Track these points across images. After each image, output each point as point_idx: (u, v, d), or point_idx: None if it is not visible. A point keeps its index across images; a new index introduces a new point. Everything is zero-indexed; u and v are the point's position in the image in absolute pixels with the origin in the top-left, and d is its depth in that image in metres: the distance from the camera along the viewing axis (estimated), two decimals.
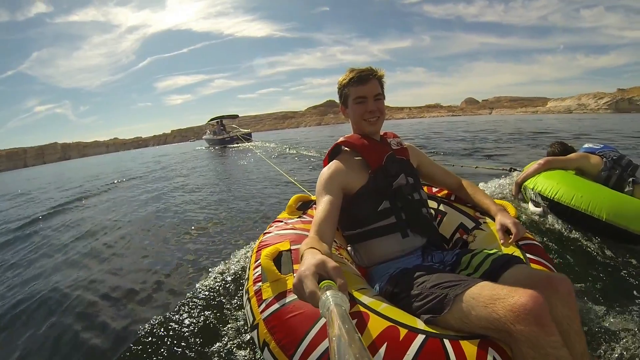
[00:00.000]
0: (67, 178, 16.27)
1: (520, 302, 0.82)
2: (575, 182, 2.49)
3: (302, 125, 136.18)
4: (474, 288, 0.94)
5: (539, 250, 1.37)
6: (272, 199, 4.97)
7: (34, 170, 51.24)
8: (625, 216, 2.13)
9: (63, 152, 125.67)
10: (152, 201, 5.91)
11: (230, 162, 12.44)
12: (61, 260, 3.32)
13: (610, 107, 63.99)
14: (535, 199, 2.82)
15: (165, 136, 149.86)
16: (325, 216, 1.23)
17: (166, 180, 9.03)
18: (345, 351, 0.51)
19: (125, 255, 3.24)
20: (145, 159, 23.39)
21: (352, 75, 1.43)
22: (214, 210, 4.64)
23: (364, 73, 1.42)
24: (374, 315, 1.00)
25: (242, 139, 20.40)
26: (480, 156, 7.62)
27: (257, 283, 1.26)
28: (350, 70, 1.46)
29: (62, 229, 4.83)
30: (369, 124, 1.45)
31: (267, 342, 1.06)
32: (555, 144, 3.19)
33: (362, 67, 1.45)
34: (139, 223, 4.46)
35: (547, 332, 0.80)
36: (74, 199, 7.66)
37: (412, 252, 1.38)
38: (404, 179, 1.44)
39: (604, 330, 1.48)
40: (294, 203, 1.82)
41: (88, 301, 2.34)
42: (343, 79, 1.47)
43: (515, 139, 11.74)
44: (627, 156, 2.73)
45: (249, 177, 7.46)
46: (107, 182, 10.40)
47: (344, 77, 1.47)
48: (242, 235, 3.38)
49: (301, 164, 8.79)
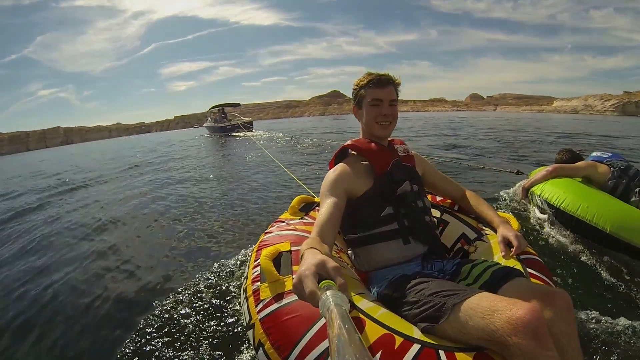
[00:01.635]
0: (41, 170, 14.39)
1: (518, 314, 0.81)
2: (581, 192, 2.48)
3: (305, 114, 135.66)
4: (472, 298, 0.94)
5: (539, 265, 1.37)
6: (273, 193, 4.94)
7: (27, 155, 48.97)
8: (630, 229, 2.11)
9: (65, 136, 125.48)
10: (147, 196, 5.72)
11: (231, 154, 12.16)
12: (52, 257, 3.23)
13: (617, 109, 63.40)
14: (541, 205, 2.82)
15: (168, 122, 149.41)
16: (328, 218, 1.23)
17: (160, 172, 8.59)
18: (345, 351, 0.50)
19: (120, 251, 3.18)
20: (139, 147, 22.40)
21: (371, 77, 1.44)
22: (215, 205, 4.56)
23: (383, 77, 1.44)
24: (370, 321, 1.00)
25: (243, 128, 20.52)
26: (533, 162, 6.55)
27: (255, 283, 1.26)
28: (368, 73, 1.47)
29: (51, 222, 4.64)
30: (381, 128, 1.46)
31: (263, 343, 1.06)
32: (563, 151, 3.19)
33: (381, 72, 1.46)
34: (134, 219, 4.34)
35: (544, 347, 0.79)
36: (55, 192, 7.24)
37: (412, 259, 1.38)
38: (409, 185, 1.44)
39: (602, 346, 1.47)
40: (297, 204, 1.83)
41: (81, 299, 2.31)
42: (360, 80, 1.48)
43: (554, 140, 11.02)
44: (635, 166, 2.71)
45: (251, 171, 7.35)
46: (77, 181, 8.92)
47: (361, 78, 1.48)
48: (241, 233, 3.35)
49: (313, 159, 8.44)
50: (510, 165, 4.71)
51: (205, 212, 4.28)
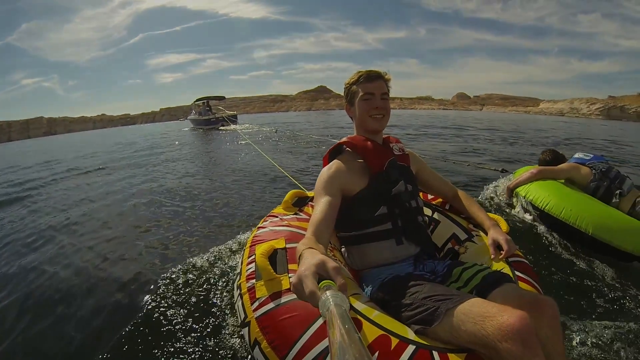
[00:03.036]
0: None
1: (509, 322, 0.85)
2: (565, 194, 2.55)
3: (292, 109, 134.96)
4: (465, 304, 0.97)
5: (527, 268, 1.41)
6: (261, 185, 4.90)
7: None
8: (610, 231, 2.19)
9: (49, 126, 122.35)
10: (131, 188, 5.56)
11: (217, 148, 11.95)
12: (37, 253, 3.10)
13: (602, 113, 64.97)
14: (526, 206, 2.89)
15: (154, 114, 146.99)
16: (323, 217, 1.24)
17: (141, 167, 8.18)
18: (345, 351, 0.51)
19: (106, 247, 3.08)
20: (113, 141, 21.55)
21: (361, 73, 1.47)
22: (204, 199, 4.48)
23: (373, 73, 1.47)
24: (366, 322, 1.02)
25: (228, 121, 20.72)
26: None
27: (250, 280, 1.26)
28: (358, 71, 1.49)
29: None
30: (375, 121, 1.47)
31: (259, 341, 1.07)
32: (547, 151, 3.25)
33: (371, 69, 1.49)
34: (117, 213, 4.22)
35: (532, 353, 0.83)
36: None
37: (404, 259, 1.40)
38: (404, 185, 1.45)
39: (585, 349, 1.51)
40: (290, 199, 1.81)
41: (71, 296, 2.26)
42: (351, 78, 1.51)
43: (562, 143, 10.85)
44: (616, 168, 2.80)
45: (238, 164, 7.26)
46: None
47: (352, 76, 1.52)
48: (231, 226, 3.30)
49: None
50: (496, 165, 4.79)
51: (194, 204, 4.21)
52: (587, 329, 1.62)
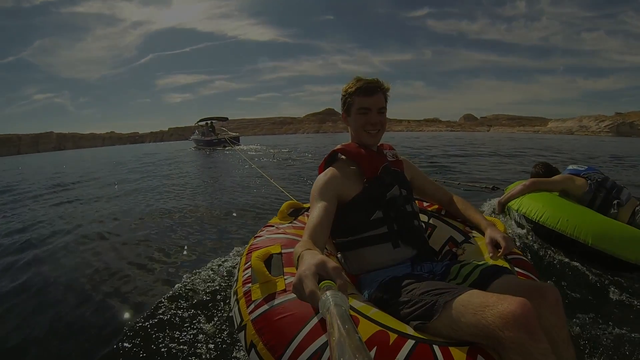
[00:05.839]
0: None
1: (509, 309, 0.82)
2: (560, 205, 2.49)
3: (300, 131, 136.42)
4: (463, 295, 0.95)
5: (526, 264, 1.39)
6: (260, 201, 5.00)
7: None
8: (611, 241, 2.13)
9: (58, 141, 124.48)
10: (136, 200, 5.76)
11: (218, 166, 12.34)
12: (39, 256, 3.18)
13: (611, 130, 65.01)
14: (519, 220, 2.80)
15: (162, 133, 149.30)
16: (318, 222, 1.23)
17: (150, 179, 8.72)
18: (345, 351, 0.51)
19: (110, 256, 3.12)
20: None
21: (359, 84, 1.43)
22: (203, 211, 4.60)
23: (371, 85, 1.42)
24: (363, 319, 1.00)
25: (230, 142, 20.89)
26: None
27: (246, 284, 1.24)
28: (357, 79, 1.46)
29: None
30: (369, 136, 1.47)
31: (255, 344, 1.04)
32: (539, 165, 3.18)
33: (369, 78, 1.45)
34: (121, 224, 4.31)
35: (536, 340, 0.80)
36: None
37: (402, 262, 1.39)
38: (398, 190, 1.45)
39: (590, 342, 1.51)
40: (286, 209, 1.83)
41: (70, 299, 2.27)
42: (349, 87, 1.46)
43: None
44: (612, 178, 2.75)
45: (237, 181, 7.42)
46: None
47: (350, 84, 1.47)
48: (230, 238, 3.36)
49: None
50: (487, 182, 4.82)
51: (194, 217, 4.31)
52: (589, 330, 1.61)
